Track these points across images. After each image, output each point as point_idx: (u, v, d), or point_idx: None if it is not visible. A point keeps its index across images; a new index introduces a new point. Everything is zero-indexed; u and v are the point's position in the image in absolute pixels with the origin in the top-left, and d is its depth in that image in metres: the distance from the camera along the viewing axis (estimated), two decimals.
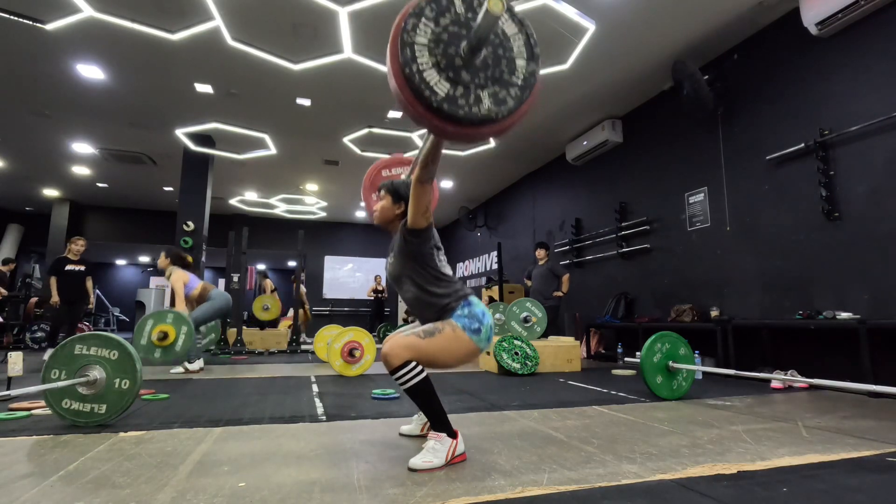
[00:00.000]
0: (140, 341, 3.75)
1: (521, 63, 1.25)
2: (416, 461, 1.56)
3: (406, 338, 1.64)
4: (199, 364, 4.39)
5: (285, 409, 2.62)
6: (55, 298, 5.41)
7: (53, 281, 5.45)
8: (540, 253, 6.07)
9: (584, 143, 6.49)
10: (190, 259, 4.81)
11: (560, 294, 5.80)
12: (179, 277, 4.49)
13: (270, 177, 8.97)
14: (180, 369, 4.31)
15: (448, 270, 1.83)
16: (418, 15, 1.16)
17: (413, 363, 1.61)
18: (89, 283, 5.77)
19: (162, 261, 4.64)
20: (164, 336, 3.74)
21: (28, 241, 11.24)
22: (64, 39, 4.55)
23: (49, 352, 3.15)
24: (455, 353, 1.68)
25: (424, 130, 1.34)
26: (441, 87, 1.16)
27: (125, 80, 5.36)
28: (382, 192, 1.94)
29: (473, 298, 1.77)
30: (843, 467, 1.57)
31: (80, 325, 8.21)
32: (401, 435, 2.03)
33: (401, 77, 1.15)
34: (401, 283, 1.83)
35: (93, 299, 6.01)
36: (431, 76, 1.16)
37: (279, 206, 11.10)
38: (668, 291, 5.23)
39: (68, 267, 5.51)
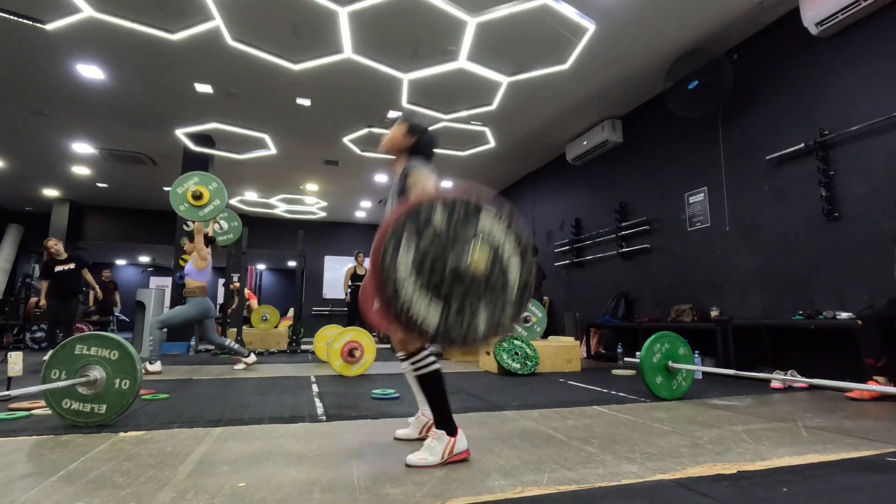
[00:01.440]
0: (176, 189, 4.30)
1: (513, 275, 1.18)
2: (412, 458, 1.57)
3: None
4: (158, 366, 4.29)
5: (285, 409, 2.62)
6: (42, 300, 5.51)
7: (45, 285, 5.52)
8: None
9: (584, 143, 6.49)
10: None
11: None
12: (208, 254, 4.55)
13: (270, 177, 8.97)
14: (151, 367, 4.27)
15: None
16: (398, 233, 1.10)
17: (427, 351, 1.63)
18: (88, 276, 5.79)
19: (191, 246, 4.64)
20: (200, 196, 4.16)
21: (28, 241, 11.23)
22: (64, 39, 4.55)
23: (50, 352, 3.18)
24: None
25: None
26: (433, 316, 1.10)
27: (125, 80, 5.36)
28: (399, 121, 1.94)
29: None
30: (843, 467, 1.57)
31: (79, 325, 8.23)
32: (396, 439, 1.96)
33: (390, 312, 1.12)
34: None
35: (98, 290, 6.06)
36: (420, 306, 1.09)
37: (279, 206, 11.10)
38: (668, 291, 5.23)
39: (58, 268, 5.54)
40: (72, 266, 5.60)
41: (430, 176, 1.75)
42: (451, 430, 1.63)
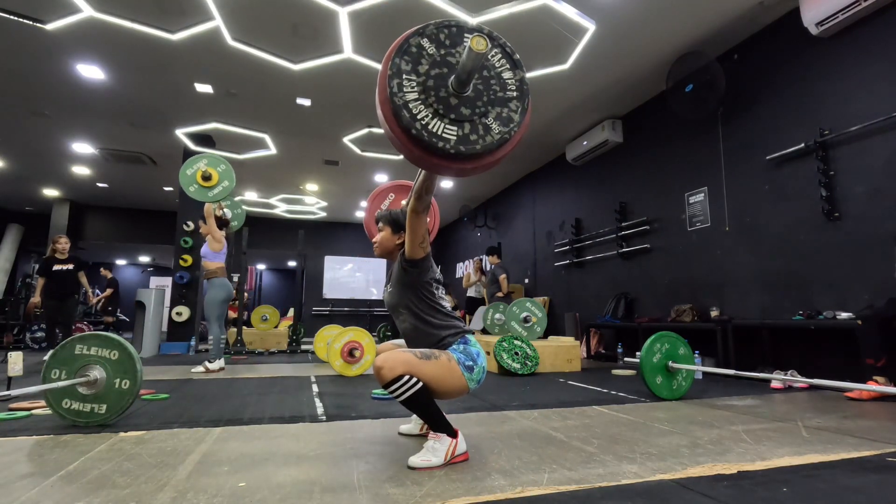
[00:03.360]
0: (186, 171, 4.37)
1: (508, 76, 1.26)
2: (415, 460, 1.56)
3: (403, 353, 1.61)
4: (218, 364, 4.41)
5: (285, 409, 2.62)
6: (36, 299, 5.44)
7: (41, 282, 5.46)
8: (493, 259, 6.71)
9: (584, 143, 6.49)
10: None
11: (501, 294, 6.28)
12: (222, 236, 4.59)
13: (270, 177, 8.97)
14: (201, 368, 4.33)
15: (447, 305, 1.82)
16: (398, 73, 1.16)
17: (407, 376, 1.57)
18: (84, 279, 5.74)
19: (206, 229, 4.64)
20: (209, 177, 4.23)
21: (28, 241, 11.24)
22: (64, 39, 4.55)
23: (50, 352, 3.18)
24: (446, 384, 1.64)
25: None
26: (449, 133, 1.16)
27: (125, 80, 5.36)
28: (381, 224, 1.93)
29: (471, 337, 1.76)
30: (843, 467, 1.57)
31: (79, 325, 8.23)
32: (400, 434, 2.04)
33: (408, 139, 1.16)
34: (398, 313, 1.81)
35: (91, 295, 5.96)
36: (436, 126, 1.16)
37: (279, 206, 11.10)
38: (668, 291, 5.23)
39: (56, 267, 5.49)
40: (70, 266, 5.57)
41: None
42: (451, 432, 1.63)
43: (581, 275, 6.90)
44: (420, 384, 1.59)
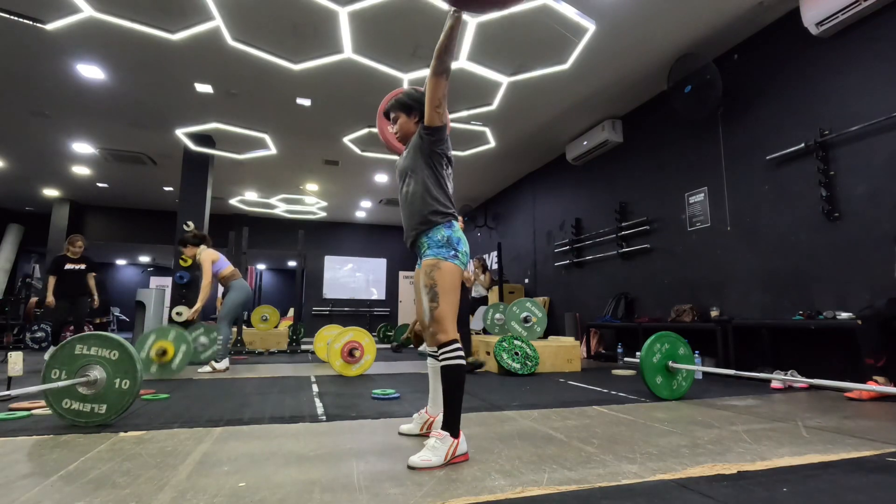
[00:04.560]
0: (139, 355, 3.80)
1: None
2: (415, 459, 1.57)
3: (440, 311, 1.71)
4: (225, 364, 4.43)
5: (285, 409, 2.62)
6: (50, 298, 5.33)
7: (52, 280, 5.37)
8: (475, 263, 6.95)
9: (584, 143, 6.49)
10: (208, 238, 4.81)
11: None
12: (208, 256, 4.52)
13: (270, 177, 8.97)
14: (208, 368, 4.35)
15: (451, 187, 1.91)
16: None
17: (458, 344, 1.70)
18: (92, 282, 5.67)
19: (188, 251, 4.64)
20: (164, 352, 3.80)
21: (28, 241, 11.24)
22: (64, 39, 4.55)
23: (50, 350, 3.15)
24: (454, 283, 1.76)
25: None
26: None
27: (125, 80, 5.36)
28: (393, 114, 2.02)
29: (456, 223, 1.85)
30: (843, 467, 1.57)
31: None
32: (400, 434, 2.04)
33: None
34: (406, 178, 1.91)
35: (97, 298, 5.83)
36: None
37: (279, 206, 11.10)
38: (668, 291, 5.23)
39: (67, 266, 5.44)
40: (82, 266, 5.52)
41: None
42: (455, 433, 1.63)
43: (581, 275, 6.90)
44: (462, 360, 1.69)
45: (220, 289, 5.10)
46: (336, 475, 1.49)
